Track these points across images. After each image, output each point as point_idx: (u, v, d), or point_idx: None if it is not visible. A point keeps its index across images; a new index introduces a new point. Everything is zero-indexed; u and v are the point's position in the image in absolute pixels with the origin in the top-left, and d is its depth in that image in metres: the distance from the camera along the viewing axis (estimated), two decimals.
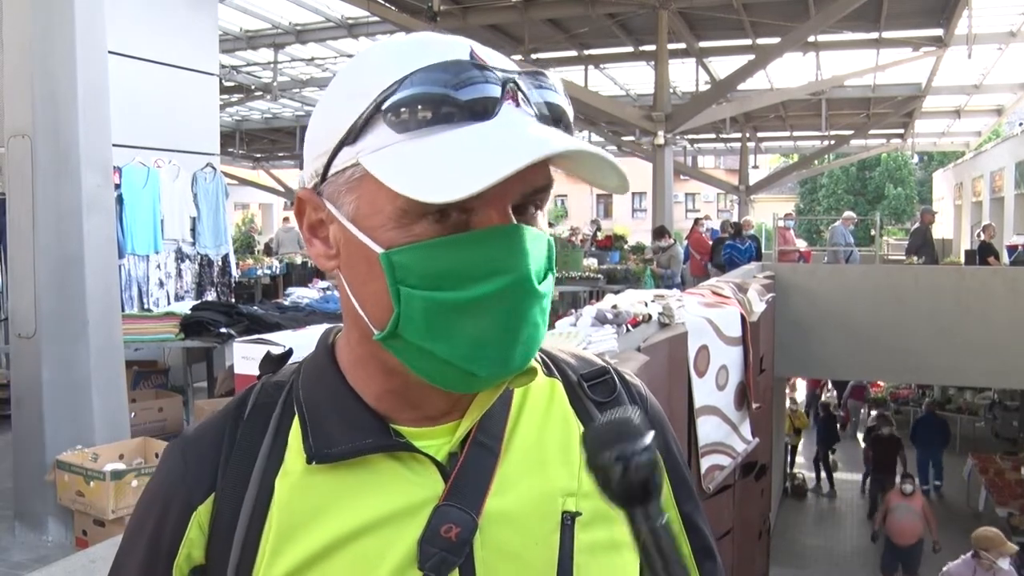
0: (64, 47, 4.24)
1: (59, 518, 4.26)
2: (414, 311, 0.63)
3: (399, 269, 0.63)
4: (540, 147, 0.60)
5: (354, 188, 0.65)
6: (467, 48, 0.65)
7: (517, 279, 0.63)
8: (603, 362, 0.85)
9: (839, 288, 9.13)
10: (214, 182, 7.27)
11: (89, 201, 4.34)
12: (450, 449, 0.72)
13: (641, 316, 3.57)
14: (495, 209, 0.63)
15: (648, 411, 0.83)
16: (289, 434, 0.73)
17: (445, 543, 0.67)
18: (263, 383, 0.78)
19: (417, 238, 0.63)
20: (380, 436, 0.70)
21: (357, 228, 0.65)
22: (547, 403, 0.78)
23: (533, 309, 0.65)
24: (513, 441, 0.74)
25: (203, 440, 0.75)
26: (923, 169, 35.58)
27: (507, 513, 0.71)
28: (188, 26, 7.21)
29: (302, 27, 12.88)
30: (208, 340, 5.38)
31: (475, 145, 0.60)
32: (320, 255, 0.70)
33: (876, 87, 17.07)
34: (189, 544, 0.72)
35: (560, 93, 0.67)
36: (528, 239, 0.64)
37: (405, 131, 0.62)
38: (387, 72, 0.63)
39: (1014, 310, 8.28)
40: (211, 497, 0.72)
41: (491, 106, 0.63)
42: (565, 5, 11.87)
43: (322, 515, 0.69)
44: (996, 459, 11.31)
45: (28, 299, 4.28)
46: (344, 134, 0.64)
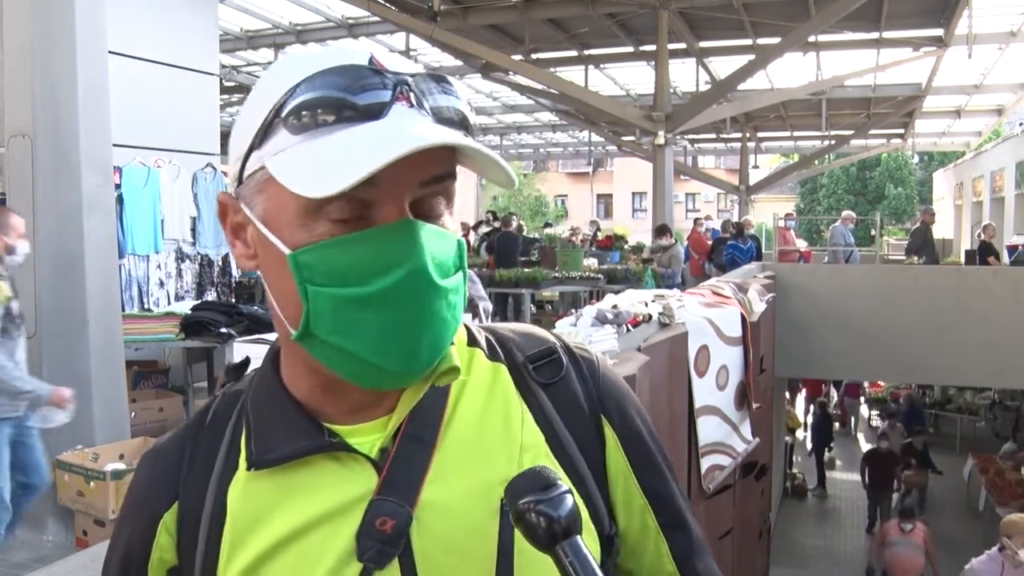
0: (64, 47, 4.24)
1: (59, 518, 4.26)
2: (322, 308, 0.65)
3: (305, 268, 0.65)
4: (410, 142, 0.61)
5: (263, 190, 0.68)
6: (367, 55, 0.68)
7: (412, 271, 0.65)
8: (553, 339, 0.85)
9: (839, 288, 9.12)
10: (214, 182, 7.26)
11: (89, 201, 4.34)
12: (382, 444, 0.73)
13: (641, 316, 3.57)
14: (393, 205, 0.65)
15: (599, 386, 0.82)
16: (241, 441, 0.76)
17: (381, 535, 0.70)
18: (223, 393, 0.81)
19: (320, 237, 0.65)
20: (314, 437, 0.73)
21: (268, 229, 0.68)
22: (488, 389, 0.79)
23: (435, 302, 0.67)
24: (450, 431, 0.75)
25: (167, 450, 0.79)
26: (923, 169, 35.57)
27: (443, 503, 0.72)
28: (188, 26, 7.21)
29: (302, 27, 12.89)
30: (208, 340, 5.38)
31: (360, 143, 0.63)
32: (241, 255, 0.73)
33: (876, 87, 17.08)
34: (160, 548, 0.76)
35: (456, 96, 0.69)
36: (424, 234, 0.66)
37: (300, 133, 0.64)
38: (288, 78, 0.66)
39: (1014, 310, 8.28)
40: (175, 505, 0.76)
41: (381, 107, 0.65)
42: (565, 5, 11.87)
43: (267, 517, 0.72)
44: (996, 459, 11.30)
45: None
46: (252, 139, 0.67)
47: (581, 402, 0.81)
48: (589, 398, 0.81)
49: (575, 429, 0.79)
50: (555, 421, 0.79)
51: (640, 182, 32.85)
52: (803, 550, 10.54)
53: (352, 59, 0.67)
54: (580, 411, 0.80)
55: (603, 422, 0.81)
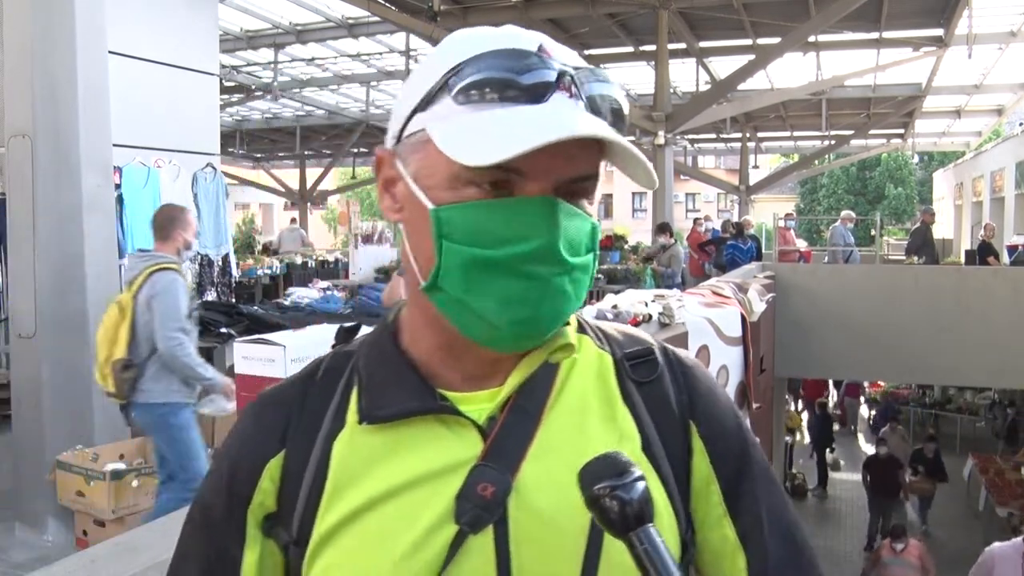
0: (64, 47, 4.24)
1: (59, 518, 4.26)
2: (452, 264, 0.70)
3: (444, 224, 0.70)
4: (565, 129, 0.66)
5: (419, 150, 0.73)
6: (537, 42, 0.72)
7: (545, 245, 0.69)
8: (651, 341, 0.87)
9: (839, 288, 9.12)
10: (214, 182, 7.27)
11: (89, 201, 4.34)
12: (490, 413, 0.76)
13: (641, 316, 3.57)
14: (537, 184, 0.69)
15: (691, 391, 0.83)
16: (351, 398, 0.79)
17: (480, 500, 0.72)
18: (334, 352, 0.85)
19: (464, 199, 0.70)
20: (426, 399, 0.76)
21: (417, 186, 0.73)
22: (595, 377, 0.82)
23: (560, 278, 0.71)
24: (556, 408, 0.78)
25: (277, 400, 0.82)
26: (923, 169, 35.56)
27: (543, 477, 0.74)
28: (188, 26, 7.21)
29: (302, 27, 12.88)
30: (208, 340, 5.38)
31: (518, 122, 0.67)
32: (388, 207, 0.79)
33: (876, 87, 17.07)
34: (262, 493, 0.79)
35: (612, 92, 0.74)
36: (563, 213, 0.70)
37: (466, 104, 0.69)
38: (459, 52, 0.71)
39: (1014, 310, 8.27)
40: (282, 453, 0.79)
41: (543, 92, 0.69)
42: (565, 5, 11.87)
43: (370, 471, 0.75)
44: (996, 459, 11.30)
45: (28, 299, 4.28)
46: (418, 102, 0.73)
47: (672, 405, 0.82)
48: (680, 402, 0.83)
49: (663, 430, 0.81)
50: (645, 420, 0.81)
51: None
52: None
53: (523, 44, 0.71)
54: (671, 414, 0.82)
55: (691, 428, 0.82)
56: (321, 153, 24.97)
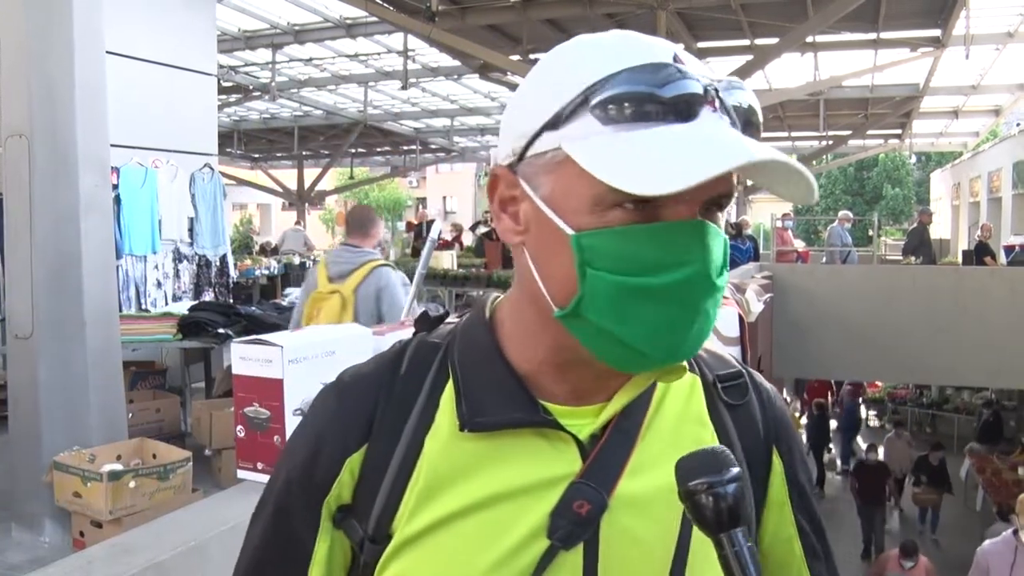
0: (61, 47, 4.23)
1: (56, 519, 4.25)
2: (598, 292, 0.67)
3: (587, 251, 0.67)
4: (744, 154, 0.63)
5: (552, 171, 0.69)
6: (671, 52, 0.69)
7: (699, 271, 0.67)
8: (739, 364, 0.88)
9: (837, 288, 9.13)
10: (212, 182, 7.25)
11: (86, 201, 4.33)
12: (592, 430, 0.75)
13: None
14: (685, 206, 0.67)
15: (775, 416, 0.86)
16: (442, 396, 0.77)
17: (575, 517, 0.72)
18: (419, 341, 0.81)
19: (608, 224, 0.66)
20: (529, 411, 0.74)
21: (550, 209, 0.69)
22: (687, 398, 0.82)
23: (708, 301, 0.69)
24: (651, 429, 0.78)
25: (360, 388, 0.79)
26: (921, 169, 35.60)
27: (636, 498, 0.74)
28: (186, 26, 7.20)
29: (300, 27, 12.86)
30: (206, 340, 5.37)
31: (680, 144, 0.64)
32: (508, 229, 0.74)
33: (874, 87, 17.08)
34: (340, 485, 0.77)
35: (752, 103, 0.71)
36: (711, 235, 0.68)
37: (611, 124, 0.65)
38: (597, 66, 0.67)
39: (1012, 310, 8.29)
40: (364, 446, 0.76)
41: (693, 109, 0.66)
42: (564, 5, 11.87)
43: (465, 478, 0.74)
44: (993, 459, 11.31)
45: (25, 300, 4.27)
46: (549, 119, 0.68)
47: (759, 428, 0.84)
48: (765, 426, 0.85)
49: (749, 452, 0.83)
50: (735, 442, 0.82)
51: None
52: None
53: (659, 54, 0.68)
54: (757, 436, 0.84)
55: (773, 451, 0.85)
56: (319, 153, 24.93)
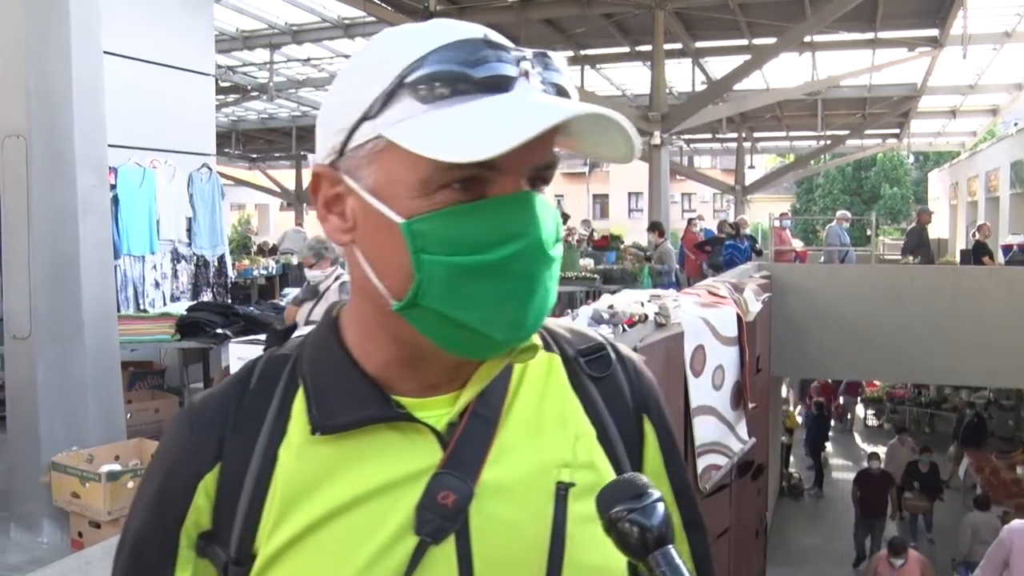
0: (59, 47, 4.23)
1: (54, 519, 4.24)
2: (435, 277, 0.65)
3: (419, 237, 0.65)
4: (559, 112, 0.63)
5: (374, 160, 0.67)
6: (482, 31, 0.68)
7: (532, 243, 0.66)
8: (600, 337, 0.87)
9: (835, 288, 9.14)
10: (210, 182, 7.25)
11: (84, 202, 4.33)
12: (449, 419, 0.73)
13: (637, 316, 3.57)
14: (510, 179, 0.66)
15: (642, 385, 0.86)
16: (293, 406, 0.75)
17: (442, 509, 0.70)
18: (268, 356, 0.80)
19: (438, 206, 0.65)
20: (381, 407, 0.72)
21: (377, 199, 0.67)
22: (545, 377, 0.80)
23: (546, 273, 0.68)
24: (511, 413, 0.76)
25: (209, 410, 0.77)
26: (919, 169, 35.61)
27: (503, 483, 0.73)
28: (184, 26, 7.19)
29: (298, 27, 12.86)
30: (204, 341, 5.37)
31: (497, 113, 0.63)
32: (336, 229, 0.72)
33: (872, 87, 17.10)
34: (196, 511, 0.74)
35: (564, 73, 0.70)
36: (539, 206, 0.67)
37: (428, 103, 0.64)
38: (409, 50, 0.66)
39: (1009, 310, 8.29)
40: (217, 466, 0.74)
41: (508, 80, 0.65)
42: (561, 5, 11.86)
43: (324, 484, 0.71)
44: (991, 458, 11.32)
45: (23, 300, 4.26)
46: (366, 108, 0.66)
47: (627, 398, 0.84)
48: (634, 395, 0.84)
49: (620, 424, 0.82)
50: (604, 414, 0.81)
51: (636, 182, 32.84)
52: (800, 550, 10.55)
53: (470, 33, 0.67)
54: (626, 407, 0.83)
55: (644, 419, 0.85)
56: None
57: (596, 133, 0.68)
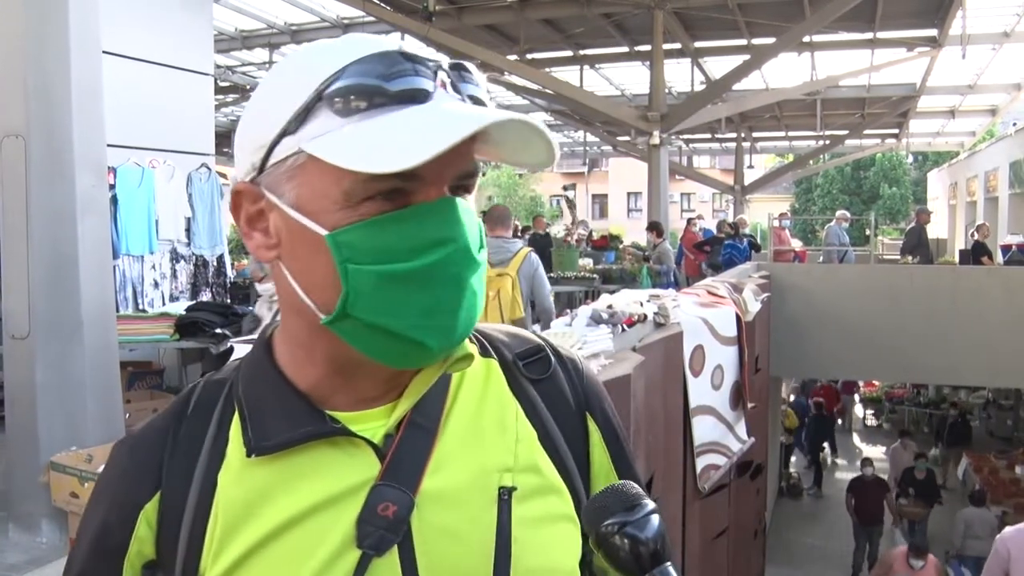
0: (58, 47, 4.22)
1: (53, 519, 4.24)
2: (363, 287, 0.65)
3: (345, 248, 0.65)
4: (478, 119, 0.63)
5: (295, 175, 0.67)
6: (397, 43, 0.68)
7: (458, 248, 0.67)
8: (538, 339, 0.87)
9: (834, 288, 9.15)
10: (209, 182, 7.25)
11: (83, 202, 4.33)
12: (386, 431, 0.73)
13: (637, 316, 3.57)
14: (433, 188, 0.66)
15: (583, 384, 0.85)
16: (230, 429, 0.74)
17: (383, 521, 0.69)
18: (205, 381, 0.79)
19: (362, 217, 0.65)
20: (316, 423, 0.72)
21: (300, 214, 0.67)
22: (483, 383, 0.80)
23: (472, 277, 0.68)
24: (450, 421, 0.76)
25: (148, 439, 0.76)
26: (918, 169, 35.63)
27: (444, 491, 0.72)
28: (183, 26, 7.19)
29: (297, 27, 12.86)
30: (203, 341, 5.36)
31: (416, 124, 0.63)
32: (260, 246, 0.72)
33: (871, 87, 17.11)
34: (139, 541, 0.73)
35: (480, 86, 0.70)
36: (462, 211, 0.68)
37: (348, 115, 0.64)
38: (325, 64, 0.66)
39: (1008, 310, 8.30)
40: (157, 494, 0.73)
41: (425, 92, 0.66)
42: (561, 5, 11.86)
43: (263, 505, 0.71)
44: (990, 458, 11.33)
45: (22, 300, 4.26)
46: (285, 124, 0.66)
47: (568, 399, 0.83)
48: (576, 395, 0.84)
49: (563, 424, 0.81)
50: (545, 416, 0.80)
51: (635, 182, 32.85)
52: (798, 549, 10.56)
53: (385, 46, 0.67)
54: (567, 407, 0.83)
55: (588, 419, 0.84)
56: None
57: (516, 140, 0.68)
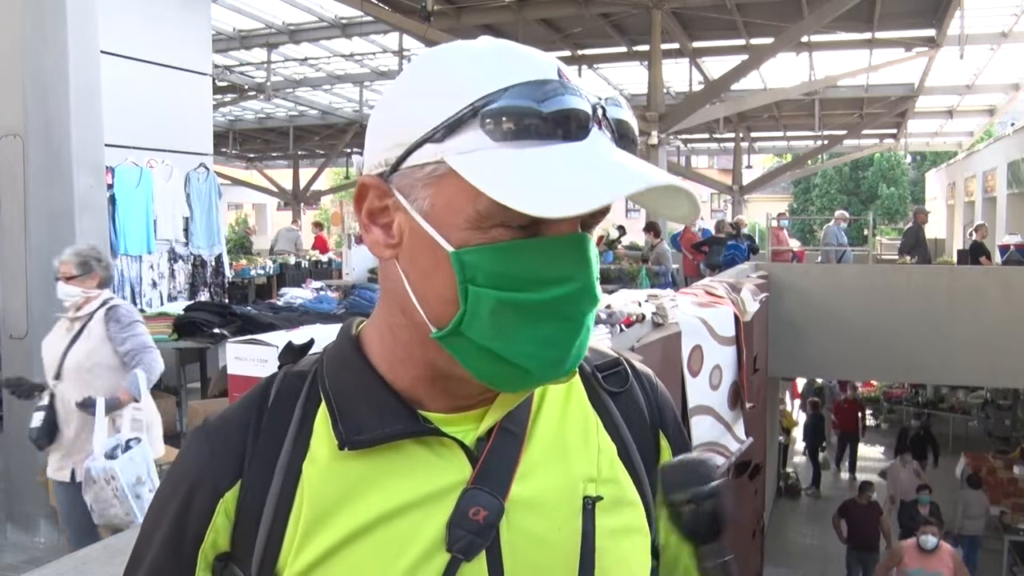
0: (56, 47, 4.23)
1: (51, 519, 4.24)
2: (481, 310, 0.64)
3: (469, 268, 0.64)
4: (641, 180, 0.62)
5: (432, 184, 0.65)
6: (555, 67, 0.66)
7: (584, 286, 0.66)
8: (615, 353, 0.88)
9: (833, 288, 9.15)
10: (207, 182, 7.25)
11: (81, 201, 4.33)
12: (478, 435, 0.74)
13: (635, 316, 3.57)
14: (568, 223, 0.65)
15: (658, 400, 0.87)
16: (315, 421, 0.74)
17: (473, 525, 0.69)
18: (285, 372, 0.78)
19: (491, 240, 0.64)
20: (409, 422, 0.72)
21: (429, 224, 0.66)
22: (566, 394, 0.81)
23: (591, 314, 0.69)
24: (535, 430, 0.77)
25: (228, 427, 0.75)
26: (916, 169, 35.67)
27: (532, 498, 0.73)
28: (181, 26, 7.19)
29: (295, 27, 12.86)
30: (201, 341, 5.36)
31: (575, 165, 0.62)
32: (378, 242, 0.71)
33: (869, 87, 17.11)
34: (215, 531, 0.72)
35: (629, 114, 0.69)
36: (591, 249, 0.67)
37: (500, 139, 0.62)
38: (484, 77, 0.64)
39: (1006, 309, 8.31)
40: (238, 484, 0.72)
41: (584, 128, 0.64)
42: (559, 5, 11.86)
43: (351, 500, 0.70)
44: (989, 458, 11.34)
45: (20, 300, 4.26)
46: (430, 130, 0.64)
47: (644, 414, 0.85)
48: (651, 411, 0.85)
49: (638, 439, 0.83)
50: (623, 430, 0.82)
51: None
52: (797, 549, 10.56)
53: (544, 69, 0.65)
54: (643, 422, 0.84)
55: (660, 435, 0.86)
56: (314, 153, 24.92)
57: (663, 193, 0.67)
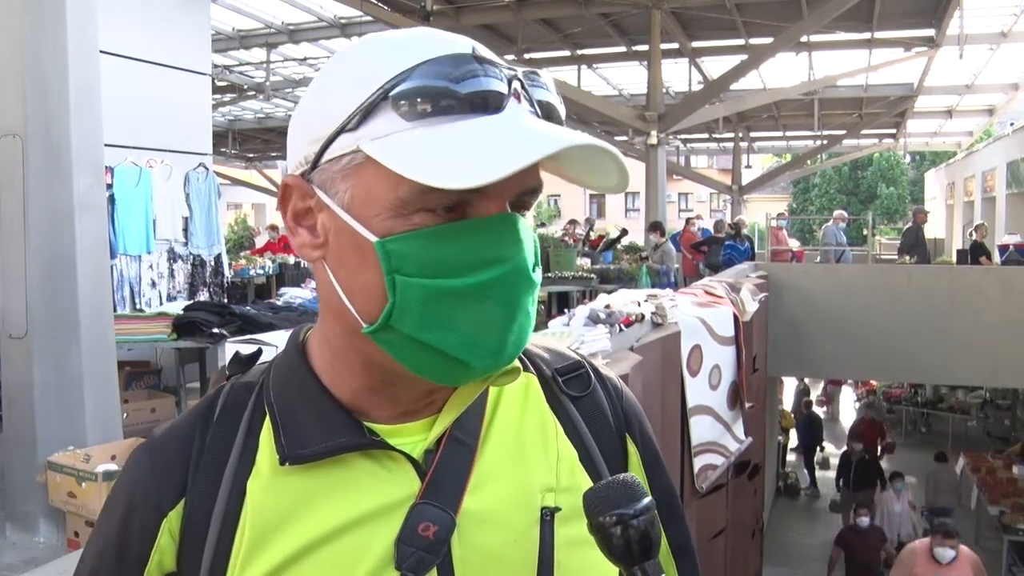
0: (56, 46, 4.22)
1: (51, 519, 4.24)
2: (410, 300, 0.62)
3: (395, 258, 0.61)
4: (555, 141, 0.59)
5: (350, 175, 0.63)
6: (470, 45, 0.64)
7: (515, 267, 0.63)
8: (577, 356, 0.85)
9: (832, 288, 9.15)
10: (207, 182, 7.24)
11: (81, 201, 4.32)
12: (426, 446, 0.70)
13: (634, 316, 3.57)
14: (494, 203, 0.63)
15: (623, 404, 0.84)
16: (260, 436, 0.71)
17: (423, 542, 0.66)
18: (232, 384, 0.76)
19: (416, 226, 0.61)
20: (354, 434, 0.69)
21: (351, 216, 0.63)
22: (523, 399, 0.77)
23: (527, 298, 0.65)
24: (490, 437, 0.73)
25: (171, 444, 0.72)
26: (915, 169, 35.69)
27: (485, 511, 0.70)
28: (180, 26, 7.19)
29: (295, 27, 12.85)
30: (201, 340, 5.36)
31: (488, 136, 0.60)
32: (305, 244, 0.68)
33: (868, 87, 17.12)
34: (160, 551, 0.70)
35: (552, 92, 0.67)
36: (523, 229, 0.64)
37: (413, 119, 0.60)
38: (394, 61, 0.62)
39: (1006, 309, 8.31)
40: (181, 502, 0.70)
41: (499, 101, 0.62)
42: (558, 5, 11.86)
43: (296, 517, 0.68)
44: (988, 458, 11.33)
45: (19, 300, 4.26)
46: (344, 120, 0.62)
47: (608, 418, 0.81)
48: (615, 415, 0.82)
49: (602, 443, 0.79)
50: (584, 434, 0.79)
51: (633, 182, 32.63)
52: (796, 549, 10.56)
53: (457, 47, 0.63)
54: (607, 426, 0.81)
55: (627, 438, 0.82)
56: None
57: (587, 161, 0.64)
